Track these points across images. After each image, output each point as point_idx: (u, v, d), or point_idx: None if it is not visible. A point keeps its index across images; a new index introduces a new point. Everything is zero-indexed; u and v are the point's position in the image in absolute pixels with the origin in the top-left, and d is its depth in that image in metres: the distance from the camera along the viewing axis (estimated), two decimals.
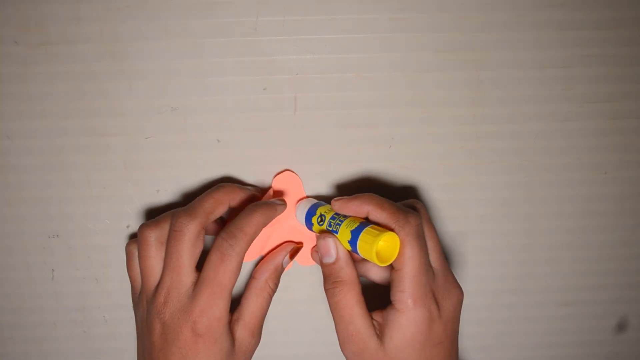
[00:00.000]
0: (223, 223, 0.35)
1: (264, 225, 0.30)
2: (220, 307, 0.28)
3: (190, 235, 0.29)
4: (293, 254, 0.34)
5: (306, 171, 0.35)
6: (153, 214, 0.36)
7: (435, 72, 0.34)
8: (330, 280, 0.30)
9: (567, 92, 0.35)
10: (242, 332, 0.30)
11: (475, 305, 0.38)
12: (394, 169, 0.36)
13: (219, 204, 0.30)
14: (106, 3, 0.33)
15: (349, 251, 0.30)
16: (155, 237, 0.30)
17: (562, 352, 0.40)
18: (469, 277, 0.38)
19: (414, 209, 0.30)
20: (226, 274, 0.28)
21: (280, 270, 0.33)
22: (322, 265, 0.31)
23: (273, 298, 0.32)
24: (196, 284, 0.29)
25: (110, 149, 0.35)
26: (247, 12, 0.33)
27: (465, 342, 0.39)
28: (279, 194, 0.35)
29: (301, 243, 0.35)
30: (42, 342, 0.38)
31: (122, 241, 0.36)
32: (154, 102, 0.34)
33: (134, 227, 0.36)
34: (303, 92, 0.34)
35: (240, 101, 0.34)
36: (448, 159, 0.36)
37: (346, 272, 0.30)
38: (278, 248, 0.35)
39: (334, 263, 0.30)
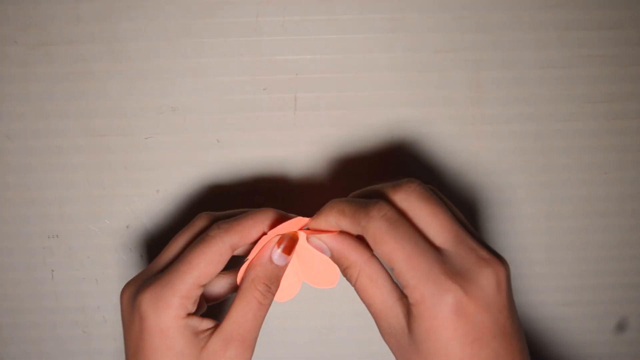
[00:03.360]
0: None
1: (266, 228, 0.28)
2: (174, 293, 0.25)
3: (217, 248, 0.26)
4: (287, 246, 0.28)
5: (306, 171, 0.35)
6: (153, 214, 0.36)
7: (435, 72, 0.34)
8: (340, 270, 0.27)
9: (567, 92, 0.35)
10: (217, 343, 0.25)
11: None
12: (394, 168, 0.36)
13: (257, 225, 0.27)
14: (106, 3, 0.32)
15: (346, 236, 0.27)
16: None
17: (562, 352, 0.40)
18: None
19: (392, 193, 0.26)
20: (196, 257, 0.25)
21: (269, 268, 0.27)
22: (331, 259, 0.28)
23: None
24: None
25: (110, 149, 0.35)
26: (247, 12, 0.33)
27: None
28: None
29: (295, 233, 0.29)
30: (41, 342, 0.38)
31: (122, 241, 0.36)
32: (153, 102, 0.34)
33: (134, 227, 0.36)
34: (303, 92, 0.34)
35: (240, 101, 0.34)
36: (448, 159, 0.36)
37: (347, 257, 0.26)
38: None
39: (332, 255, 0.27)
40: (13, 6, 0.32)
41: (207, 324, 0.26)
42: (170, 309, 0.25)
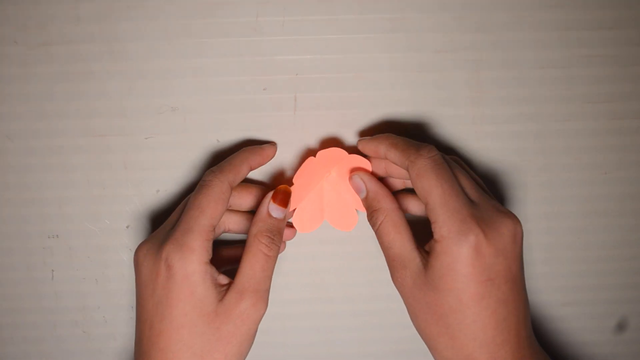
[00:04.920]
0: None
1: (253, 161, 0.31)
2: (194, 238, 0.27)
3: (218, 188, 0.28)
4: (282, 199, 0.30)
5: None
6: (153, 214, 0.36)
7: (435, 72, 0.34)
8: (368, 212, 0.30)
9: (567, 92, 0.35)
10: (232, 295, 0.27)
11: None
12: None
13: (244, 162, 0.31)
14: (106, 3, 0.33)
15: (382, 183, 0.31)
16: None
17: (562, 352, 0.40)
18: None
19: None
20: (204, 199, 0.28)
21: (269, 221, 0.29)
22: (362, 200, 0.31)
23: (275, 294, 0.31)
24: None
25: (110, 149, 0.35)
26: (247, 12, 0.33)
27: None
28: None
29: (287, 187, 0.31)
30: (41, 342, 0.38)
31: (122, 241, 0.36)
32: (153, 102, 0.34)
33: (134, 227, 0.36)
34: (303, 92, 0.34)
35: (240, 101, 0.34)
36: None
37: (378, 201, 0.30)
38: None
39: (366, 197, 0.31)
40: (13, 6, 0.32)
41: (224, 279, 0.28)
42: (193, 254, 0.27)
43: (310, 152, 0.34)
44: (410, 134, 0.35)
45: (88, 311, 0.37)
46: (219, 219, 0.28)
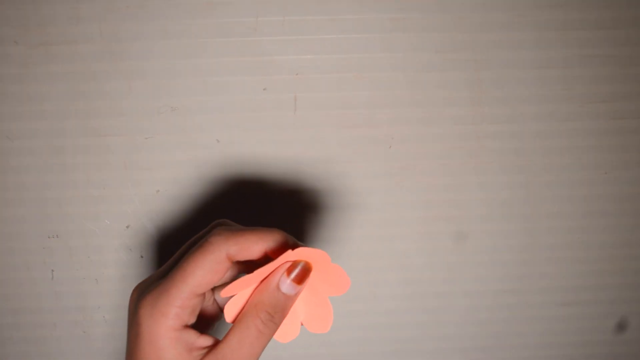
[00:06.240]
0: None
1: (271, 249, 0.25)
2: (169, 302, 0.24)
3: (213, 256, 0.25)
4: (299, 274, 0.25)
5: (306, 171, 0.35)
6: (153, 214, 0.36)
7: (435, 72, 0.34)
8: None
9: (567, 92, 0.35)
10: None
11: (475, 306, 0.38)
12: (394, 169, 0.36)
13: (260, 242, 0.25)
14: (106, 3, 0.32)
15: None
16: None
17: (562, 352, 0.40)
18: (469, 277, 0.38)
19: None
20: (193, 263, 0.24)
21: (276, 295, 0.25)
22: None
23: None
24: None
25: (110, 149, 0.35)
26: (247, 12, 0.33)
27: (466, 342, 0.39)
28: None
29: (309, 262, 0.26)
30: (41, 342, 0.38)
31: (122, 241, 0.36)
32: (153, 102, 0.34)
33: (134, 227, 0.36)
34: (303, 92, 0.34)
35: (240, 101, 0.34)
36: (448, 159, 0.36)
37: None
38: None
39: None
40: (13, 6, 0.32)
41: (205, 341, 0.25)
42: (164, 318, 0.24)
43: (288, 245, 0.26)
44: (410, 134, 0.35)
45: (88, 311, 0.37)
46: (205, 288, 0.25)
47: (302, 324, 0.28)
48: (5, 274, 0.36)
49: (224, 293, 0.25)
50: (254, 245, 0.25)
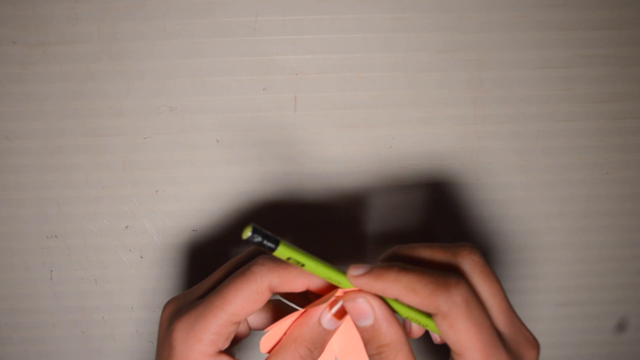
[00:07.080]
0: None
1: (315, 287, 0.25)
2: (205, 328, 0.24)
3: (254, 286, 0.24)
4: (340, 309, 0.25)
5: (306, 171, 0.35)
6: (152, 214, 0.35)
7: (436, 72, 0.34)
8: (372, 345, 0.24)
9: (567, 92, 0.35)
10: None
11: None
12: (394, 169, 0.36)
13: (303, 278, 0.25)
14: (105, 3, 0.32)
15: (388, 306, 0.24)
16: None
17: (562, 352, 0.40)
18: None
19: (456, 264, 0.25)
20: (234, 291, 0.24)
21: (316, 330, 0.25)
22: (359, 329, 0.25)
23: None
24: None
25: (108, 149, 0.34)
26: (247, 12, 0.33)
27: None
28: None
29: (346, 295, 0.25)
30: (41, 342, 0.37)
31: (121, 242, 0.36)
32: (152, 102, 0.34)
33: (133, 227, 0.36)
34: (303, 92, 0.34)
35: (240, 101, 0.34)
36: (448, 159, 0.36)
37: (390, 332, 0.24)
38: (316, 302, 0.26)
39: (372, 325, 0.24)
40: (13, 6, 0.32)
41: None
42: (199, 344, 0.24)
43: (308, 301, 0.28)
44: (410, 134, 0.35)
45: (87, 311, 0.37)
46: (243, 317, 0.24)
47: (336, 359, 0.27)
48: (4, 274, 0.36)
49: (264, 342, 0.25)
50: (297, 278, 0.25)
